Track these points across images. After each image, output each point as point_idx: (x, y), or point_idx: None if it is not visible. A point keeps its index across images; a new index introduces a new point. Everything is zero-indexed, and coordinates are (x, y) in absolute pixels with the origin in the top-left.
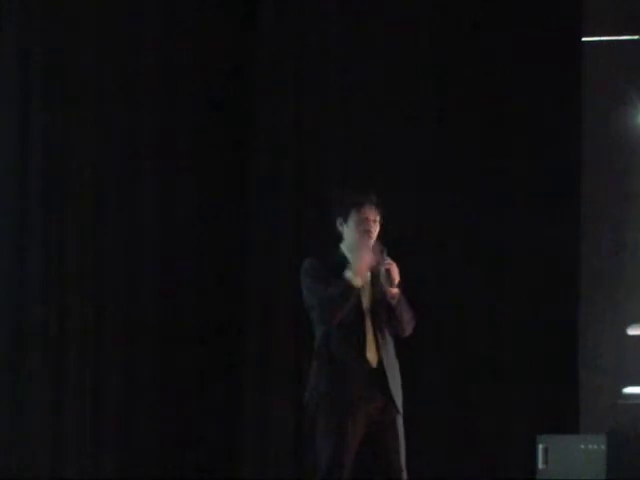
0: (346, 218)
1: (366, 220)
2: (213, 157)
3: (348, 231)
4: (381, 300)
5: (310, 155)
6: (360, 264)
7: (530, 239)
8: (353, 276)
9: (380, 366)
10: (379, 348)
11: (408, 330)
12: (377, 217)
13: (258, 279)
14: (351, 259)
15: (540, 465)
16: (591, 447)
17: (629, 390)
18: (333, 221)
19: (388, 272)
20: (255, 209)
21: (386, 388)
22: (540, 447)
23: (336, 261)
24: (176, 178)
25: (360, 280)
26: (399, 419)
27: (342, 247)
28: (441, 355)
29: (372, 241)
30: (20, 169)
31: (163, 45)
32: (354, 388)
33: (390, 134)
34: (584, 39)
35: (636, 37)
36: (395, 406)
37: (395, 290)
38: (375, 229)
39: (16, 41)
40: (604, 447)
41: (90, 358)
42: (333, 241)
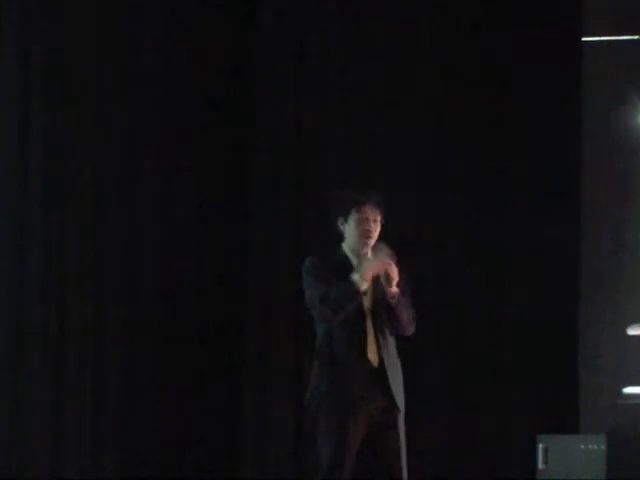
0: (347, 217)
1: (366, 220)
2: (213, 157)
3: (349, 230)
4: (382, 300)
5: (310, 155)
6: (367, 271)
7: (530, 239)
8: (360, 280)
9: (381, 366)
10: (380, 348)
11: (409, 329)
12: (378, 217)
13: (258, 279)
14: (360, 262)
15: (540, 465)
16: (591, 447)
17: (629, 390)
18: (334, 221)
19: (387, 272)
20: (255, 209)
21: (387, 388)
22: (540, 447)
23: (337, 260)
24: (176, 178)
25: (366, 285)
26: (400, 419)
27: (343, 246)
28: (441, 355)
29: (372, 241)
30: (20, 169)
31: (163, 45)
32: (355, 388)
33: (390, 134)
34: (584, 39)
35: (636, 37)
36: (396, 406)
37: (394, 290)
38: (375, 229)
39: (16, 41)
40: (604, 447)
41: (90, 358)
42: (333, 241)
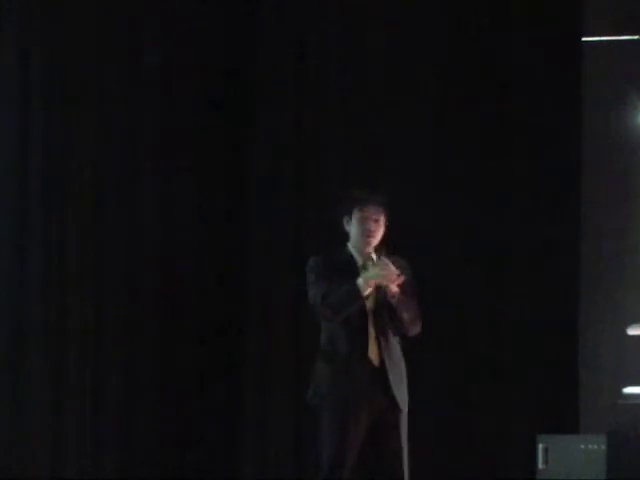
0: (351, 217)
1: (368, 219)
2: (213, 157)
3: (353, 230)
4: (384, 300)
5: (310, 155)
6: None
7: (530, 239)
8: (364, 285)
9: (382, 366)
10: (381, 348)
11: (412, 330)
12: (380, 216)
13: (258, 279)
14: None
15: (540, 465)
16: (591, 447)
17: (629, 390)
18: (339, 220)
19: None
20: (255, 209)
21: (388, 388)
22: (540, 447)
23: (342, 260)
24: (176, 178)
25: (369, 290)
26: (403, 419)
27: (349, 246)
28: (441, 355)
29: (374, 240)
30: (20, 169)
31: (163, 45)
32: (356, 388)
33: (390, 134)
34: (584, 39)
35: (636, 37)
36: (397, 406)
37: (395, 289)
38: (377, 228)
39: (16, 41)
40: (604, 447)
41: (90, 358)
42: (333, 241)
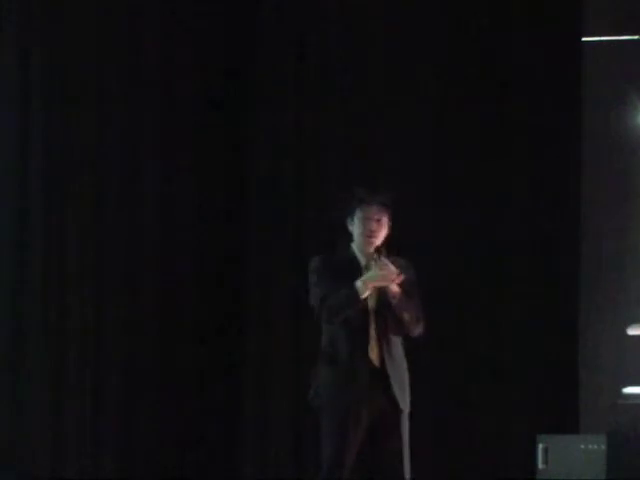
0: (354, 217)
1: (369, 219)
2: (213, 157)
3: (355, 230)
4: (385, 300)
5: (310, 155)
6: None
7: (530, 239)
8: (362, 288)
9: (383, 366)
10: (382, 348)
11: (414, 330)
12: (382, 217)
13: (258, 279)
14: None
15: (540, 465)
16: (591, 447)
17: (629, 390)
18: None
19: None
20: (255, 209)
21: (388, 389)
22: (540, 447)
23: (345, 260)
24: (176, 178)
25: (368, 292)
26: (403, 420)
27: (352, 246)
28: (441, 355)
29: (376, 240)
30: (20, 169)
31: (163, 45)
32: (356, 388)
33: (390, 134)
34: (584, 39)
35: (636, 37)
36: (398, 407)
37: (395, 289)
38: (379, 228)
39: (16, 41)
40: (604, 447)
41: (90, 358)
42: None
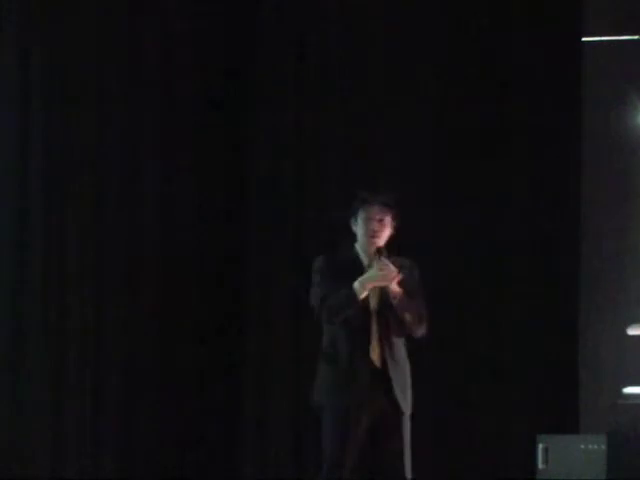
0: (357, 217)
1: (371, 220)
2: (213, 157)
3: (358, 230)
4: (387, 301)
5: (310, 155)
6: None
7: (530, 239)
8: (360, 289)
9: (384, 367)
10: (384, 349)
11: (416, 331)
12: (385, 217)
13: (258, 279)
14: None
15: (540, 465)
16: (591, 447)
17: (629, 390)
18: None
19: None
20: (255, 209)
21: (389, 389)
22: (540, 447)
23: (348, 260)
24: (176, 178)
25: (365, 293)
26: (405, 420)
27: (356, 246)
28: (441, 355)
29: (379, 240)
30: (20, 169)
31: (163, 45)
32: (357, 388)
33: (390, 134)
34: (584, 39)
35: (636, 37)
36: (399, 407)
37: (396, 289)
38: (381, 228)
39: (16, 41)
40: (604, 447)
41: (90, 358)
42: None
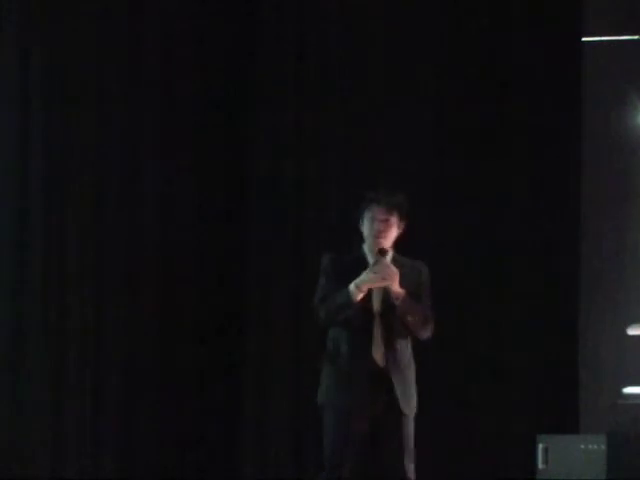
0: (363, 217)
1: (376, 220)
2: (213, 157)
3: (364, 230)
4: (390, 301)
5: (310, 155)
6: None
7: (530, 239)
8: (355, 291)
9: (386, 367)
10: (387, 349)
11: (421, 333)
12: (390, 217)
13: (258, 279)
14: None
15: (540, 465)
16: (591, 447)
17: (629, 390)
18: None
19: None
20: (255, 209)
21: (391, 389)
22: (540, 447)
23: (355, 260)
24: (176, 178)
25: (361, 295)
26: (407, 423)
27: (364, 247)
28: (441, 355)
29: (384, 241)
30: (20, 169)
31: (163, 45)
32: (358, 388)
33: (390, 134)
34: (584, 39)
35: (636, 37)
36: (400, 408)
37: (398, 290)
38: (387, 229)
39: (16, 41)
40: (604, 447)
41: (90, 358)
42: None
